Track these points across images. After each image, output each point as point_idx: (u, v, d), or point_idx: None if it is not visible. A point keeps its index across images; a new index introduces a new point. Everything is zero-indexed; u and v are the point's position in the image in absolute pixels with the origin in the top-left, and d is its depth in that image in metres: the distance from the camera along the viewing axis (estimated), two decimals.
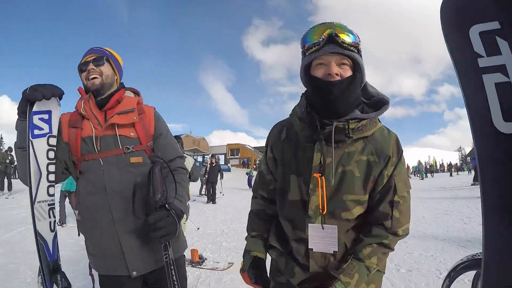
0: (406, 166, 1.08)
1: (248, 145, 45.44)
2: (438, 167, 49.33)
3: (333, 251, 1.03)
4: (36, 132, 1.11)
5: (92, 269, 1.35)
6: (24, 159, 1.13)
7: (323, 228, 1.01)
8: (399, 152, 1.02)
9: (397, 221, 1.01)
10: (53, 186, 1.15)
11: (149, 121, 1.39)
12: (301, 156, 1.06)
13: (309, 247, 1.04)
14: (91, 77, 1.34)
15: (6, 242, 5.17)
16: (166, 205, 1.19)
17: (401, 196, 1.01)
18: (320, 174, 1.00)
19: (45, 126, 1.14)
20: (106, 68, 1.38)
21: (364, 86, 1.06)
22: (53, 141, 1.15)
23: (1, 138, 48.61)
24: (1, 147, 43.86)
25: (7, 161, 11.50)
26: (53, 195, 1.15)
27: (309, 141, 1.03)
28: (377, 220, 1.03)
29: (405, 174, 1.04)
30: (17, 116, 1.15)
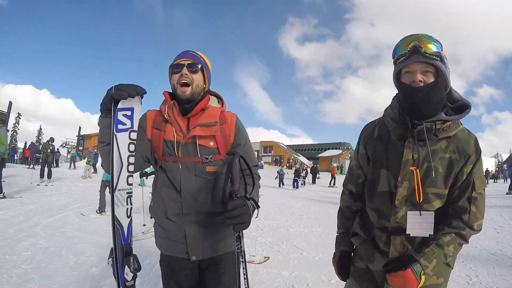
0: (482, 166, 1.16)
1: (281, 143, 45.37)
2: None
3: (429, 235, 1.13)
4: (120, 127, 1.21)
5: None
6: (107, 152, 1.24)
7: (420, 215, 1.13)
8: (478, 151, 1.12)
9: (474, 215, 1.11)
10: (132, 176, 1.26)
11: (230, 131, 1.46)
12: (391, 152, 1.19)
13: (407, 232, 1.15)
14: (183, 81, 1.38)
15: (48, 226, 5.47)
16: (244, 196, 1.25)
17: (478, 193, 1.12)
18: (415, 167, 1.12)
19: (128, 122, 1.23)
20: (198, 76, 1.41)
21: (449, 91, 1.18)
22: (134, 135, 1.25)
23: (41, 129, 51.77)
24: (41, 137, 46.66)
25: (48, 150, 12.31)
26: (131, 184, 1.26)
27: (400, 139, 1.17)
28: (456, 214, 1.13)
29: (482, 172, 1.14)
30: (94, 114, 1.31)
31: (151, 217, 1.40)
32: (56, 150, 14.56)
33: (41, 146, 14.00)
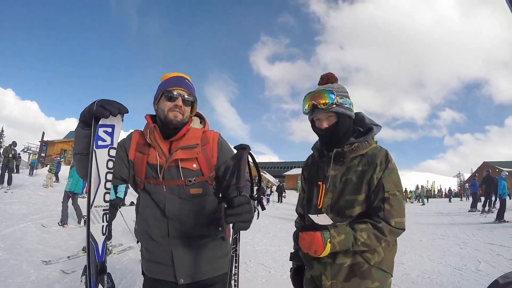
0: (397, 174, 1.32)
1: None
2: (436, 192, 49.22)
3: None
4: (100, 143, 1.19)
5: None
6: (84, 164, 1.23)
7: (317, 216, 1.34)
8: (387, 160, 1.30)
9: (389, 212, 1.25)
10: (109, 193, 1.22)
11: (212, 151, 1.45)
12: (319, 173, 1.45)
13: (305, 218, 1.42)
14: (176, 112, 1.37)
15: (7, 237, 5.16)
16: (250, 195, 1.20)
17: (390, 193, 1.26)
18: (321, 182, 1.39)
19: (108, 139, 1.21)
20: (189, 109, 1.43)
21: (362, 118, 1.45)
22: (113, 152, 1.22)
23: (2, 131, 48.48)
24: (2, 140, 43.66)
25: (10, 155, 11.56)
26: (108, 201, 1.21)
27: (322, 162, 1.45)
28: (373, 215, 1.27)
29: (395, 177, 1.29)
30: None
31: (137, 242, 1.34)
32: (18, 155, 13.70)
33: (2, 150, 13.13)
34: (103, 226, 1.20)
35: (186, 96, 1.39)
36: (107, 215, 1.22)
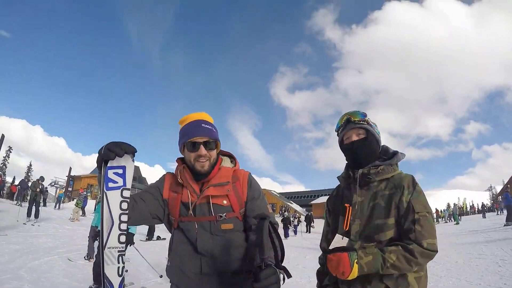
0: (425, 197, 1.32)
1: (274, 191, 45.32)
2: (468, 209, 46.58)
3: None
4: (111, 185, 1.21)
5: None
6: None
7: (342, 239, 1.38)
8: (414, 184, 1.33)
9: (420, 233, 1.22)
10: (124, 234, 1.22)
11: (242, 188, 1.47)
12: (344, 201, 1.45)
13: (331, 247, 1.39)
14: (202, 162, 1.40)
15: (33, 269, 5.21)
16: (275, 264, 1.19)
17: (420, 214, 1.26)
18: (349, 205, 1.40)
19: (120, 180, 1.22)
20: (214, 153, 1.45)
21: (386, 149, 1.49)
22: (126, 193, 1.24)
23: (30, 165, 50.70)
24: (30, 174, 45.60)
25: (38, 189, 12.03)
26: (123, 242, 1.21)
27: (347, 188, 1.46)
28: (404, 237, 1.25)
29: (423, 199, 1.30)
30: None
31: (161, 276, 1.31)
32: (45, 189, 14.24)
33: (30, 183, 13.70)
34: (118, 267, 1.19)
35: (207, 143, 1.41)
36: (123, 257, 1.21)
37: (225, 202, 1.42)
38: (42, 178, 12.93)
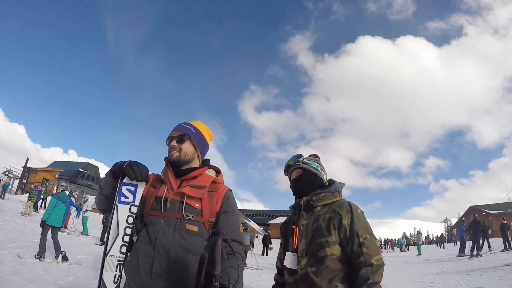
0: (364, 221, 1.56)
1: None
2: (424, 239, 48.71)
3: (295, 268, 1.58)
4: (122, 199, 1.33)
5: None
6: (105, 204, 1.43)
7: (293, 256, 1.61)
8: (351, 209, 1.55)
9: (367, 254, 1.46)
10: (126, 245, 1.31)
11: (218, 199, 1.50)
12: (294, 224, 1.70)
13: (284, 263, 1.65)
14: (171, 151, 1.54)
15: None
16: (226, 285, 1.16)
17: (364, 238, 1.48)
18: (295, 226, 1.66)
19: (130, 196, 1.34)
20: (186, 146, 1.55)
21: (332, 182, 1.73)
22: (133, 209, 1.36)
23: None
24: None
25: None
26: (124, 253, 1.30)
27: (296, 214, 1.70)
28: (355, 259, 1.48)
29: (363, 223, 1.53)
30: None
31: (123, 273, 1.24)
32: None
33: None
34: (115, 275, 1.26)
35: (179, 136, 1.56)
36: (121, 266, 1.29)
37: (197, 205, 1.45)
38: None
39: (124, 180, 1.32)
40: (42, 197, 17.55)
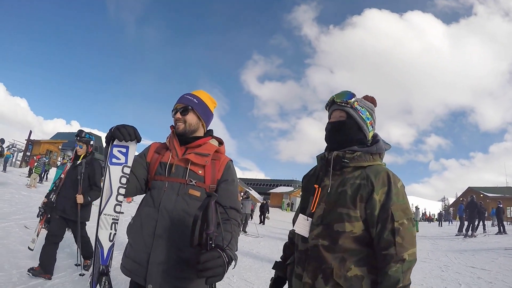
0: (404, 199, 1.22)
1: None
2: (420, 216, 49.67)
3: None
4: (114, 160, 1.37)
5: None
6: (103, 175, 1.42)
7: (307, 220, 1.33)
8: (389, 182, 1.22)
9: (400, 246, 1.14)
10: (120, 205, 1.36)
11: (220, 167, 1.56)
12: (317, 182, 1.38)
13: (294, 227, 1.40)
14: (177, 124, 1.58)
15: None
16: (219, 247, 1.20)
17: (400, 223, 1.16)
18: (318, 185, 1.35)
19: (122, 158, 1.38)
20: (190, 117, 1.58)
21: (377, 139, 1.39)
22: (126, 170, 1.39)
23: None
24: None
25: None
26: (119, 212, 1.35)
27: (322, 169, 1.38)
28: (383, 249, 1.16)
29: (402, 203, 1.20)
30: None
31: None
32: (4, 152, 13.42)
33: None
34: (110, 233, 1.30)
35: (183, 108, 1.58)
36: (116, 225, 1.33)
37: (200, 172, 1.51)
38: (2, 140, 12.16)
39: (115, 143, 1.35)
40: (46, 168, 17.77)
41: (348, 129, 1.35)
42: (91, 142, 4.00)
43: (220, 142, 1.68)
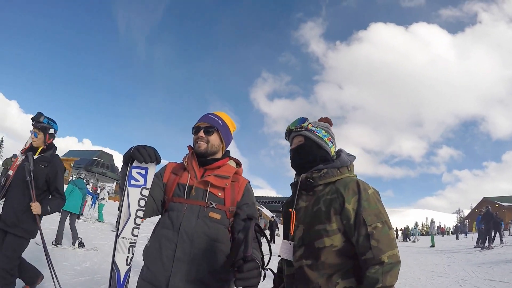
0: (376, 204, 1.23)
1: None
2: (436, 229, 48.30)
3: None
4: (133, 182, 1.34)
5: None
6: (121, 197, 1.39)
7: (290, 244, 1.36)
8: (359, 189, 1.24)
9: (377, 249, 1.15)
10: (138, 228, 1.34)
11: (239, 190, 1.55)
12: (292, 205, 1.42)
13: (278, 254, 1.42)
14: (198, 142, 1.54)
15: None
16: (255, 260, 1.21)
17: (373, 227, 1.17)
18: (292, 209, 1.38)
19: (141, 179, 1.35)
20: (214, 138, 1.56)
21: (339, 154, 1.44)
22: (145, 192, 1.37)
23: (2, 141, 48.27)
24: (1, 150, 43.40)
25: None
26: (136, 235, 1.32)
27: (295, 193, 1.42)
28: (362, 254, 1.18)
29: (373, 208, 1.21)
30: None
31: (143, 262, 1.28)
32: None
33: (2, 161, 13.13)
34: (128, 257, 1.29)
35: (207, 128, 1.55)
36: (133, 248, 1.31)
37: (220, 194, 1.48)
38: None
39: (134, 164, 1.33)
40: None
41: (308, 150, 1.40)
42: (51, 131, 2.92)
43: (238, 164, 1.66)
